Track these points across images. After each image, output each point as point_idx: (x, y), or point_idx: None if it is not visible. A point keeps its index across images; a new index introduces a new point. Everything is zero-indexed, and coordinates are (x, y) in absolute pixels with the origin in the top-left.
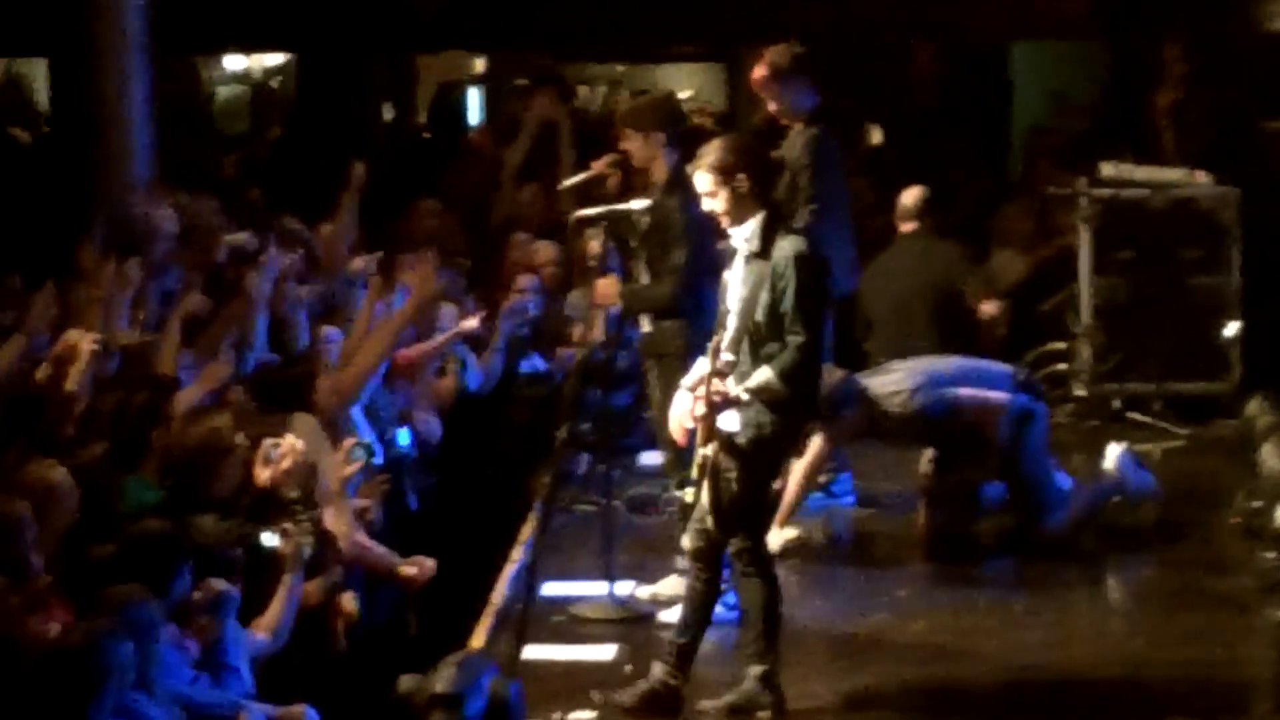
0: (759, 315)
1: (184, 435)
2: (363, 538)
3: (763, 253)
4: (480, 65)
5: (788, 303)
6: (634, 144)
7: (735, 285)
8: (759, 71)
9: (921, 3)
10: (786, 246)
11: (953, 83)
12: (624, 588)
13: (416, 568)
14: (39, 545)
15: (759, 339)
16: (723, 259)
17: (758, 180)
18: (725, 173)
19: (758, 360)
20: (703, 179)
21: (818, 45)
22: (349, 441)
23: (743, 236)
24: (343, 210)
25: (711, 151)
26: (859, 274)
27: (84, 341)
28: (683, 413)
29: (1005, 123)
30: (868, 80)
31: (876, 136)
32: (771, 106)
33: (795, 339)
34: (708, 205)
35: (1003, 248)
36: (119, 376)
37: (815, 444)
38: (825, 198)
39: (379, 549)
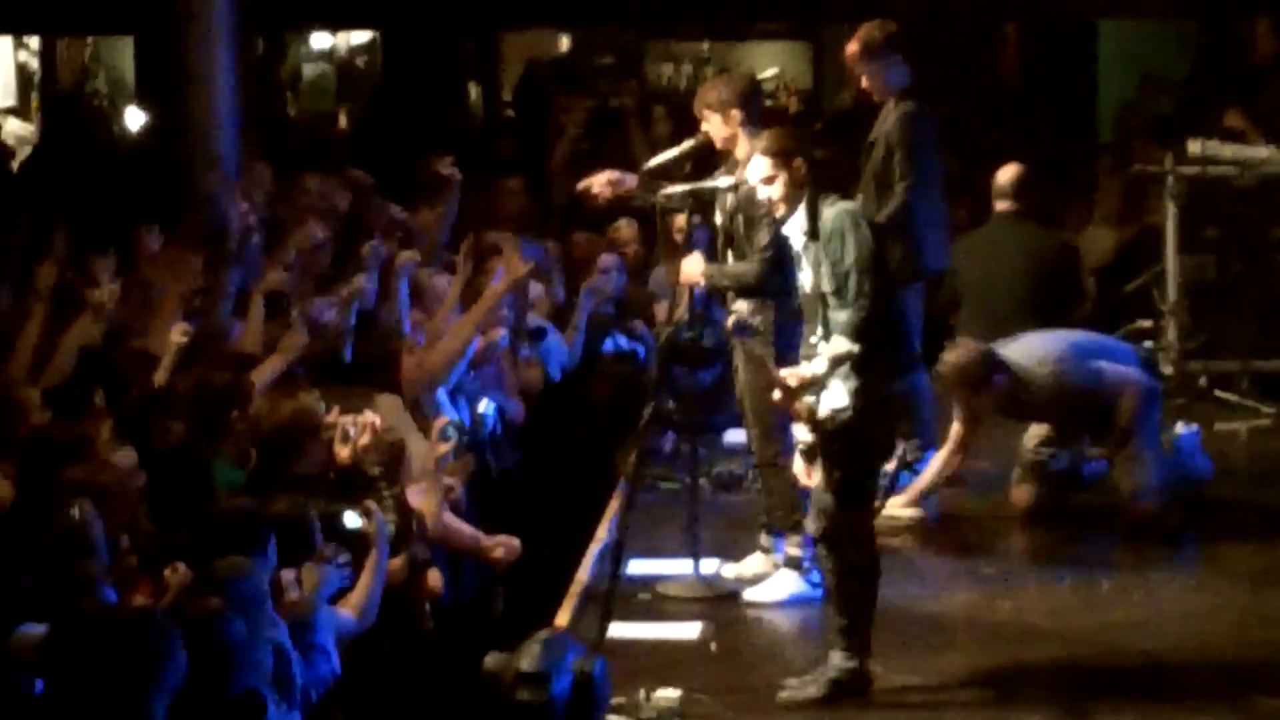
0: (826, 286)
1: (270, 413)
2: (449, 516)
3: (813, 232)
4: (565, 44)
5: (845, 263)
6: (712, 124)
7: (804, 274)
8: (852, 47)
9: None
10: (829, 213)
11: (1039, 61)
12: (709, 566)
13: (502, 548)
14: (121, 526)
15: (831, 311)
16: None
17: (812, 168)
18: (785, 155)
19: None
20: (760, 163)
21: (905, 23)
22: (441, 420)
23: (796, 228)
24: (443, 205)
25: (769, 137)
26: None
27: (174, 333)
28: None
29: (1092, 101)
30: (953, 58)
31: None
32: (864, 83)
33: (862, 300)
34: (763, 192)
35: (1091, 225)
36: (194, 357)
37: (955, 428)
38: (921, 175)
39: (465, 528)
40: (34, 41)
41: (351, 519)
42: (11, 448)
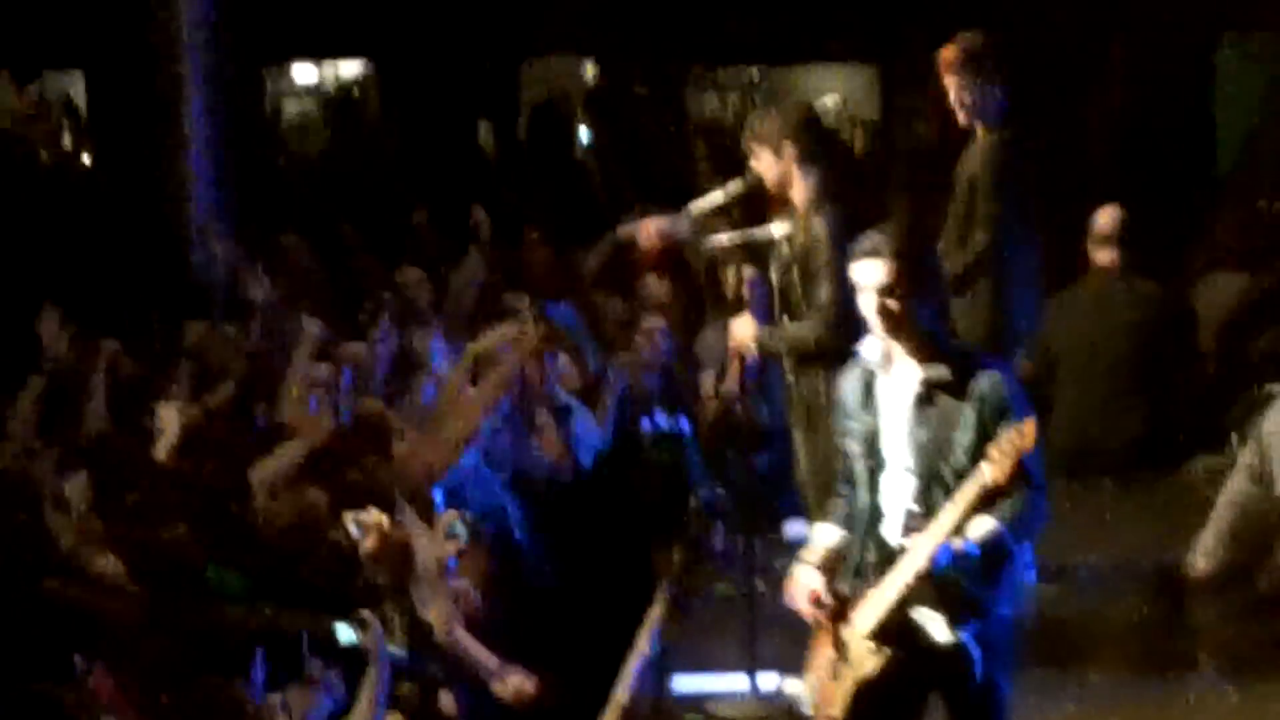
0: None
1: (271, 511)
2: (461, 632)
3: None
4: (591, 73)
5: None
6: (764, 162)
7: (904, 425)
8: (949, 53)
9: None
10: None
11: (1147, 85)
12: (768, 681)
13: (513, 687)
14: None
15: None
16: None
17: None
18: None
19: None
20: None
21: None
22: (447, 515)
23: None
24: (471, 263)
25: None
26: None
27: (165, 410)
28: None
29: (1209, 129)
30: (1053, 81)
31: None
32: (954, 99)
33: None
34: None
35: (1210, 273)
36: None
37: None
38: (1009, 218)
39: (477, 650)
40: None
41: (347, 633)
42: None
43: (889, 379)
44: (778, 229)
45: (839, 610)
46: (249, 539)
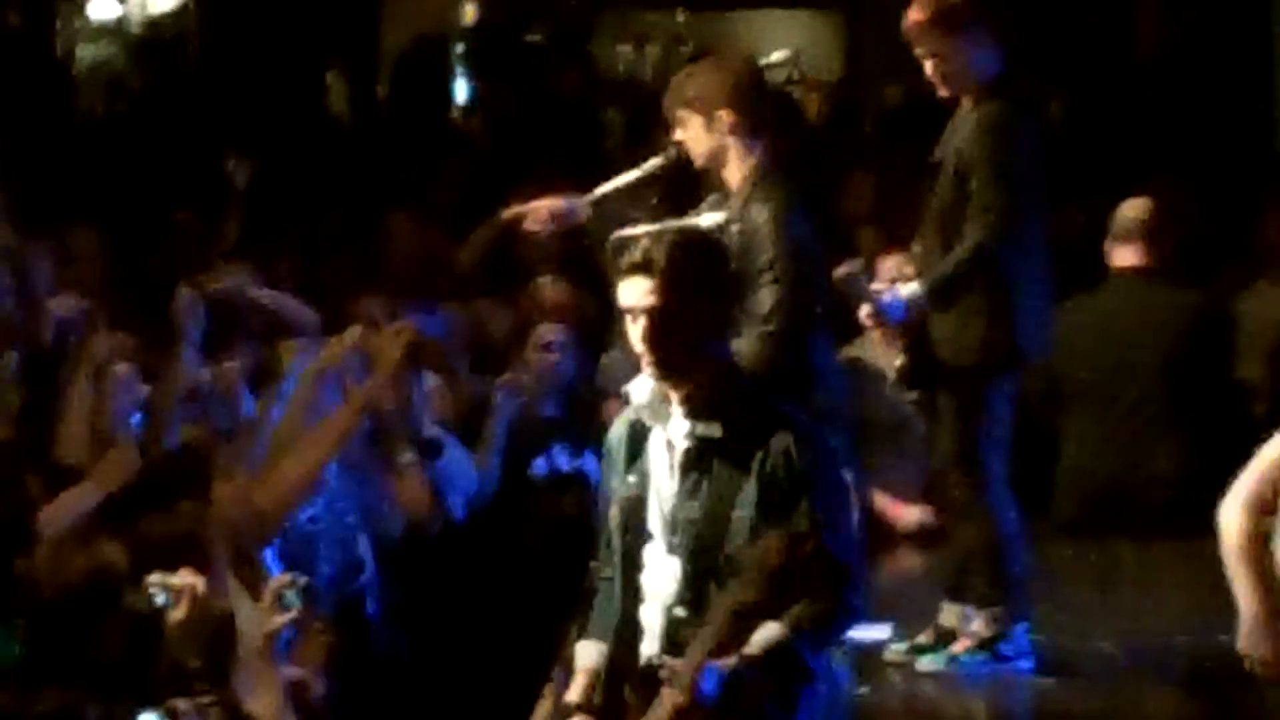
0: None
1: (54, 569)
2: None
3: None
4: (472, 13)
5: None
6: (692, 133)
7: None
8: (917, 14)
9: None
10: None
11: (1187, 38)
12: None
13: None
14: None
15: None
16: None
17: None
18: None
19: None
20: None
21: None
22: (280, 579)
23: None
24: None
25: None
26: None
27: None
28: None
29: (1266, 94)
30: (1059, 39)
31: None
32: (929, 69)
33: None
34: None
35: (1260, 283)
36: None
37: None
38: (1011, 209)
39: None
40: None
41: None
42: None
43: (661, 431)
44: (708, 219)
45: None
46: (26, 603)
